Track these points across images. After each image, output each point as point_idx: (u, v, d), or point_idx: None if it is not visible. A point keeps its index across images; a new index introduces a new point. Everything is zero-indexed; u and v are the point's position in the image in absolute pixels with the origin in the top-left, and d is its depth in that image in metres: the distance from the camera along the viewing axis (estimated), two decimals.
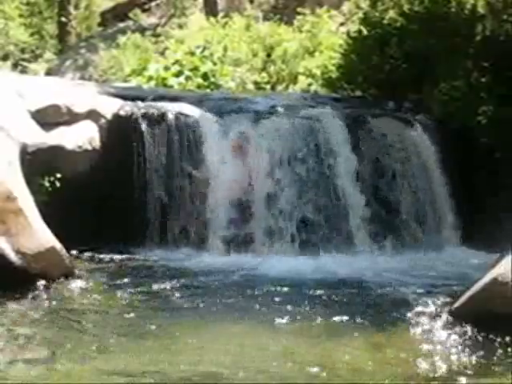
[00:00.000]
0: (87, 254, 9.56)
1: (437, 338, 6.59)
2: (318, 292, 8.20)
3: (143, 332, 6.83)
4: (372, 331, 6.81)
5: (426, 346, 6.43)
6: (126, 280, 8.62)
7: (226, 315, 7.41)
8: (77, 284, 8.33)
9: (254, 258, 9.71)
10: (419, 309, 7.39)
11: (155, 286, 8.30)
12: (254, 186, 10.31)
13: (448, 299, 7.58)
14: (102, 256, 9.60)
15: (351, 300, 7.92)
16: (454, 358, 6.12)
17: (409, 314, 7.27)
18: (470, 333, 6.62)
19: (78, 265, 8.91)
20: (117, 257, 9.61)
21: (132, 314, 7.35)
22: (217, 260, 9.59)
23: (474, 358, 6.08)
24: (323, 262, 9.53)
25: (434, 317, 7.15)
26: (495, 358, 6.07)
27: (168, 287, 8.27)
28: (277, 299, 7.96)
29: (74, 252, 9.18)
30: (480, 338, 6.49)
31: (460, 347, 6.34)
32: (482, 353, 6.19)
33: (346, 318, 7.20)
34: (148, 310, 7.53)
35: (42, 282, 8.08)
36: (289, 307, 7.63)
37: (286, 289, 8.35)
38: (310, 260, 9.67)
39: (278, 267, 9.25)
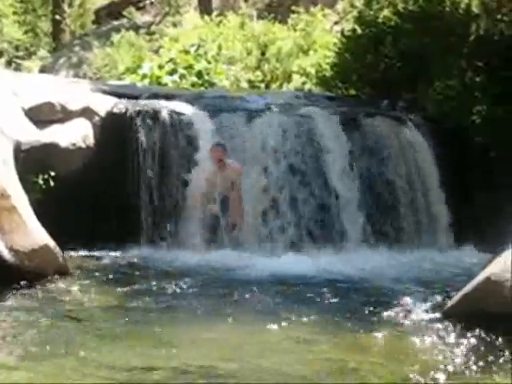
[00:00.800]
0: (81, 252, 9.55)
1: (430, 337, 6.58)
2: (310, 292, 8.15)
3: (133, 331, 6.81)
4: (364, 332, 6.79)
5: (419, 346, 6.42)
6: (119, 278, 8.59)
7: (221, 314, 7.40)
8: (70, 282, 8.30)
9: (247, 257, 9.67)
10: (413, 309, 7.38)
11: (148, 285, 8.25)
12: (246, 185, 10.32)
13: (442, 299, 7.59)
14: (95, 254, 9.59)
15: (343, 300, 7.88)
16: (447, 357, 6.11)
17: (402, 314, 7.26)
18: (463, 332, 6.61)
19: (71, 263, 8.88)
20: (111, 255, 9.61)
21: (123, 314, 7.30)
22: (209, 258, 9.55)
23: (467, 358, 6.07)
24: (315, 261, 9.48)
25: (428, 317, 7.15)
26: (489, 357, 6.06)
27: (160, 286, 8.23)
28: (267, 298, 7.93)
29: (67, 250, 9.14)
30: (473, 338, 6.49)
31: (454, 347, 6.33)
32: (475, 352, 6.18)
33: (337, 318, 7.17)
34: (139, 310, 7.49)
35: (35, 280, 8.05)
36: (279, 307, 7.62)
37: (274, 288, 8.32)
38: (301, 259, 9.63)
39: (267, 266, 9.21)
